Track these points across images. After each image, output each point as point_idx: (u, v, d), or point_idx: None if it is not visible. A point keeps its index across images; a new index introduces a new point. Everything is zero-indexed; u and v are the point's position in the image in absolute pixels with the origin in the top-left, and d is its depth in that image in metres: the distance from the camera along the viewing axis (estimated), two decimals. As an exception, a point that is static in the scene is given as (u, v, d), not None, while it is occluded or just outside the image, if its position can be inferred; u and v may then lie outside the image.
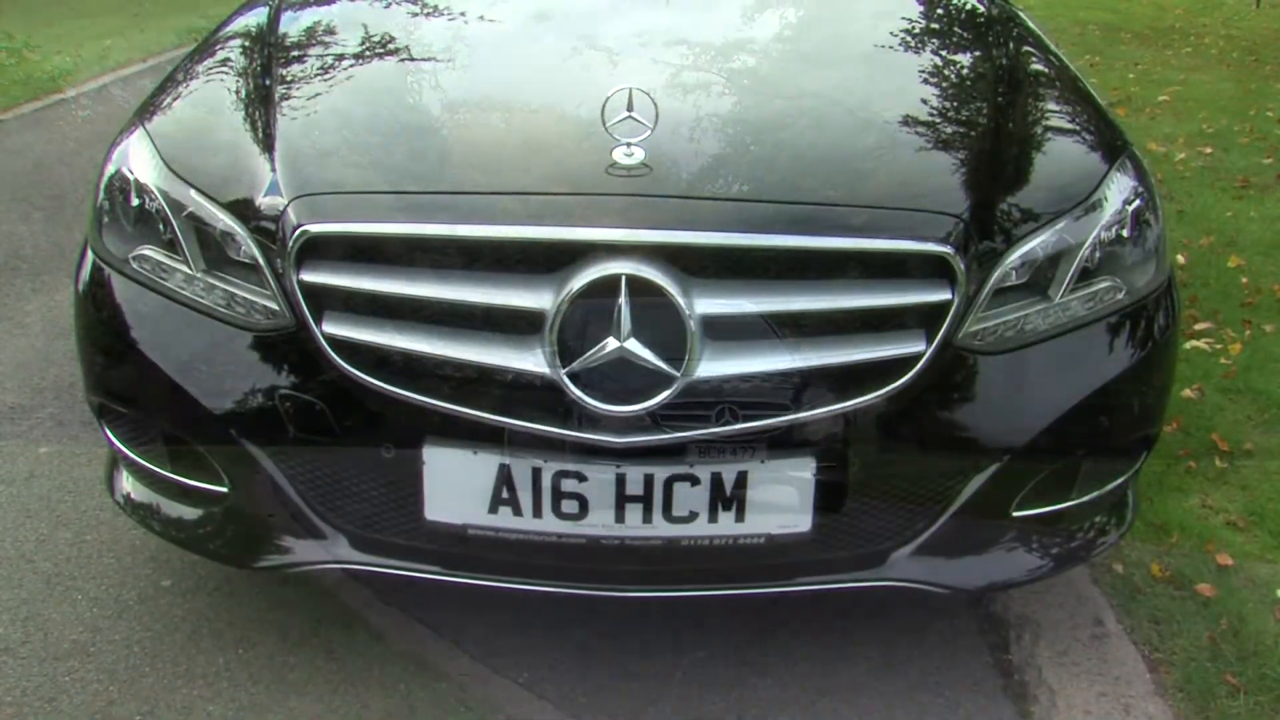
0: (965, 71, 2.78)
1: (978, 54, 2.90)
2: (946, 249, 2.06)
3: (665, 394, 1.99)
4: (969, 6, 3.24)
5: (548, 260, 2.01)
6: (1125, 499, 2.54)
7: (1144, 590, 2.77)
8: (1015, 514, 2.30)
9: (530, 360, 2.01)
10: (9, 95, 9.73)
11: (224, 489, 2.30)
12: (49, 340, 4.25)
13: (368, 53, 2.71)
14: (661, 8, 3.05)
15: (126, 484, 2.51)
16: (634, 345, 1.96)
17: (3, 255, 5.28)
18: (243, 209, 2.18)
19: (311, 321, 2.07)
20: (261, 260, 2.14)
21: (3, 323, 4.45)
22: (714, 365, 2.01)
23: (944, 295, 2.07)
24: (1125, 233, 2.30)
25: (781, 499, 2.12)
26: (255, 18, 3.00)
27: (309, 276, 2.07)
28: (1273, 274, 5.04)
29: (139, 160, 2.35)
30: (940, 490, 2.22)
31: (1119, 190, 2.34)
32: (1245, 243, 5.47)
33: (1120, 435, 2.36)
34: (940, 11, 3.28)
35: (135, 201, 2.30)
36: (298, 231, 2.06)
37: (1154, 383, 2.39)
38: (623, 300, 1.95)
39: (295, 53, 2.72)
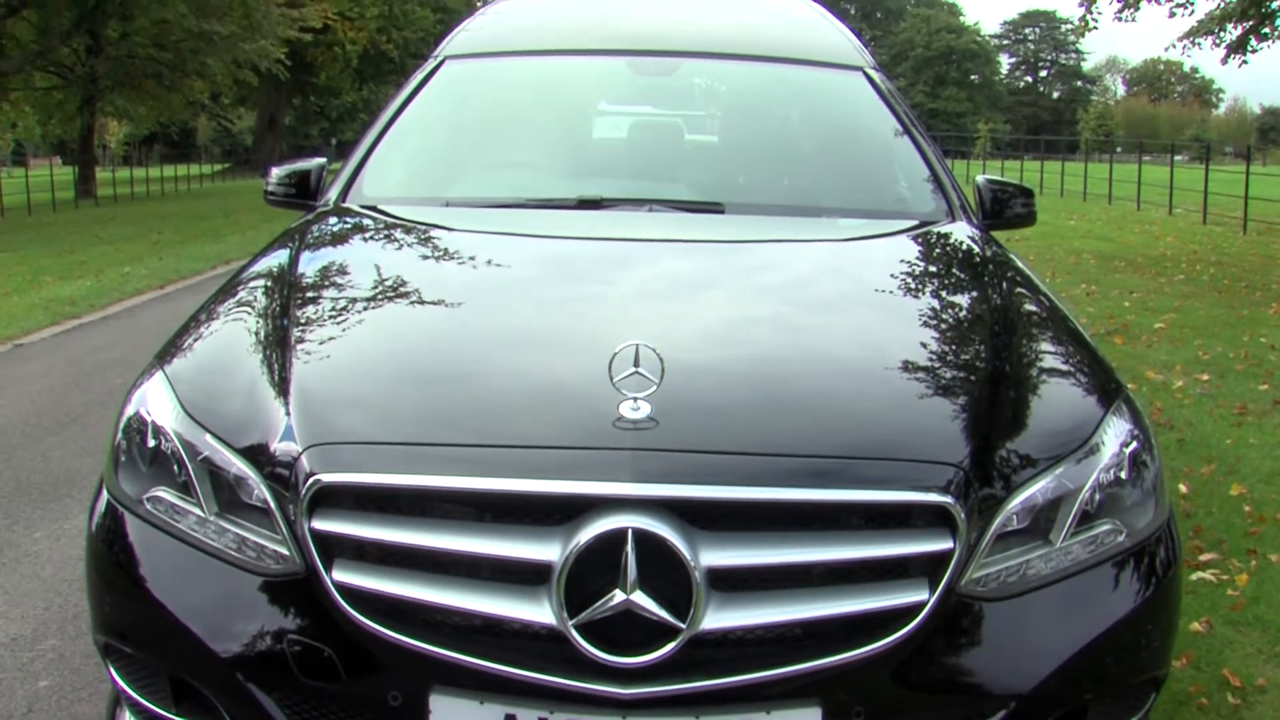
0: (963, 316, 2.86)
1: (974, 296, 2.98)
2: (947, 499, 2.10)
3: (671, 646, 2.00)
4: (965, 248, 3.35)
5: (555, 513, 2.05)
6: (1137, 741, 2.51)
7: (1161, 838, 2.71)
8: (1025, 760, 2.27)
9: (538, 611, 2.02)
10: (30, 319, 9.96)
11: (227, 734, 2.28)
12: (55, 569, 4.25)
13: (381, 298, 2.79)
14: (668, 257, 3.15)
15: (128, 724, 2.49)
16: (640, 597, 1.98)
17: (14, 481, 5.32)
18: (257, 454, 2.23)
19: (321, 569, 2.10)
20: (274, 506, 2.17)
21: (9, 549, 4.46)
22: (720, 616, 2.02)
23: (946, 544, 2.09)
24: (1124, 475, 2.33)
25: (788, 749, 2.10)
26: (276, 259, 3.10)
27: (320, 525, 2.10)
28: (1275, 502, 5.05)
29: (157, 403, 2.42)
30: (948, 738, 2.20)
31: (1116, 434, 2.38)
32: (1246, 470, 5.50)
33: (1128, 677, 2.35)
34: (938, 252, 3.39)
35: (151, 443, 2.35)
36: (310, 480, 2.10)
37: (1159, 623, 2.39)
38: (629, 552, 1.98)
39: (311, 294, 2.81)
